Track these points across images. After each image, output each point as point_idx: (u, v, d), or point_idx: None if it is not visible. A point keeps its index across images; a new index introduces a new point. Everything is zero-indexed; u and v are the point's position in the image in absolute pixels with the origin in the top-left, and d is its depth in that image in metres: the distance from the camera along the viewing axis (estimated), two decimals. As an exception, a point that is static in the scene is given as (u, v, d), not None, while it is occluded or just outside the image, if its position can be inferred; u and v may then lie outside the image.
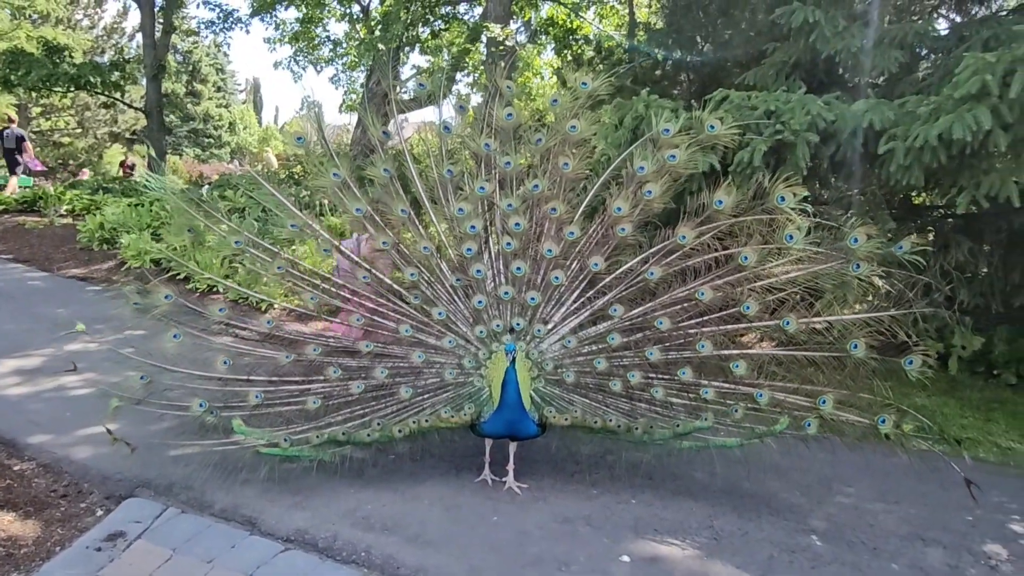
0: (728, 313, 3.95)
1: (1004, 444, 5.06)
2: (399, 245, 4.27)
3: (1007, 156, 4.88)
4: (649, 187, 4.06)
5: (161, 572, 3.20)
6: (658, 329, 4.05)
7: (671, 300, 4.04)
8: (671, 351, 4.03)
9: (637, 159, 4.09)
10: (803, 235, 3.85)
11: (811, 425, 3.93)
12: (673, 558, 3.43)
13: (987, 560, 3.52)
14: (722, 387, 3.99)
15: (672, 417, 4.05)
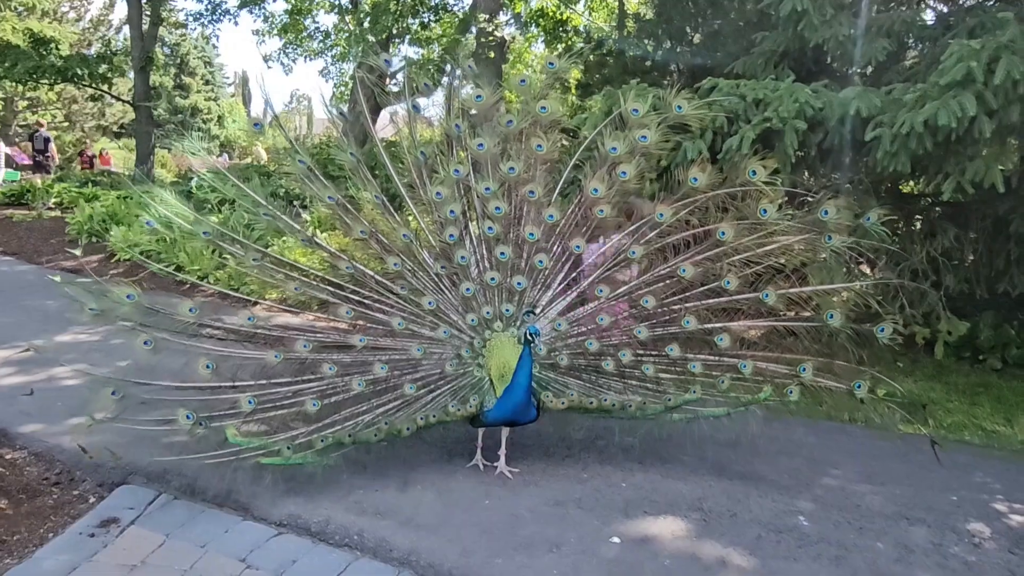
0: (710, 288, 4.07)
1: (989, 427, 5.14)
2: (377, 234, 4.23)
3: (992, 142, 4.93)
4: (623, 168, 4.10)
5: (154, 557, 3.21)
6: (644, 307, 4.12)
7: (654, 278, 4.13)
8: (657, 328, 4.13)
9: (609, 140, 4.13)
10: (776, 209, 4.00)
11: (793, 392, 4.08)
12: (662, 539, 3.47)
13: (971, 538, 3.58)
14: (708, 359, 4.11)
15: (663, 392, 4.14)
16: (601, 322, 4.15)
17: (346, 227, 4.36)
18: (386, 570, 3.17)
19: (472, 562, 3.22)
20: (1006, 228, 5.81)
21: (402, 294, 4.21)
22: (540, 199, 4.14)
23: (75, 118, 27.32)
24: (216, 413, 3.76)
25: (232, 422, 3.71)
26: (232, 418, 3.74)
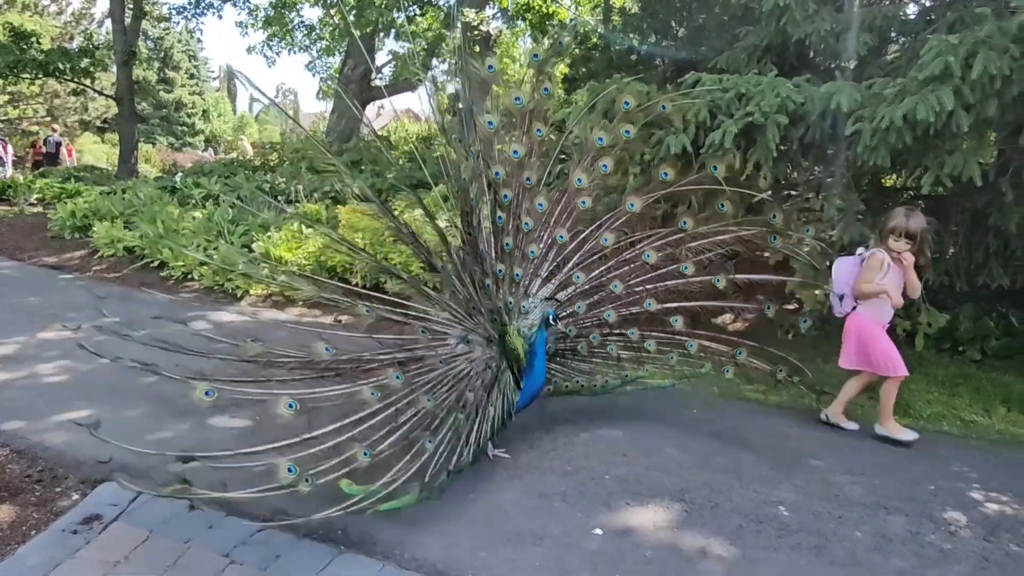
0: (668, 271, 4.49)
1: (967, 418, 5.21)
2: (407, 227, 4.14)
3: (969, 137, 4.98)
4: (604, 161, 4.37)
5: (138, 553, 3.22)
6: (612, 292, 4.40)
7: (621, 262, 4.46)
8: (622, 309, 4.46)
9: (596, 130, 4.38)
10: (731, 204, 4.66)
11: (729, 371, 4.65)
12: (644, 530, 3.51)
13: (947, 526, 3.63)
14: (661, 337, 4.52)
15: (622, 368, 4.59)
16: (579, 309, 4.38)
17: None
18: (370, 564, 3.18)
19: (456, 555, 3.24)
20: (985, 222, 5.87)
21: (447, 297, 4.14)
22: (534, 187, 4.28)
23: (57, 112, 27.01)
24: (322, 467, 3.32)
25: (341, 472, 3.31)
26: (341, 468, 3.33)
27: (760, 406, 5.31)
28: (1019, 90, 4.60)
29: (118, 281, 8.18)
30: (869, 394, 5.58)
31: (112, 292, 7.71)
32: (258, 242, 8.15)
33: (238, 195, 10.43)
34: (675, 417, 4.91)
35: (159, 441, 4.21)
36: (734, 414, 5.09)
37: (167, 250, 8.22)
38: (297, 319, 7.01)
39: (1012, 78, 4.57)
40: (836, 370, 6.06)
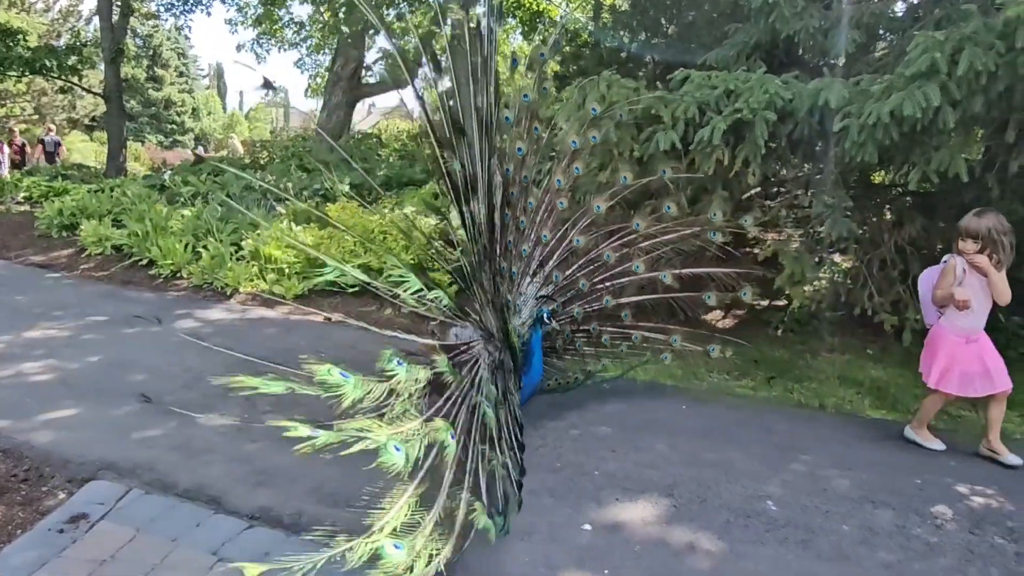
0: (622, 270, 4.69)
1: (954, 412, 5.23)
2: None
3: (956, 133, 5.00)
4: (578, 163, 4.50)
5: (125, 552, 3.20)
6: (581, 290, 4.58)
7: (586, 262, 4.62)
8: (587, 306, 4.64)
9: (571, 134, 4.47)
10: (676, 206, 4.85)
11: (667, 357, 4.87)
12: (633, 525, 3.52)
13: (933, 520, 3.65)
14: (614, 332, 4.73)
15: (585, 363, 4.79)
16: (557, 307, 4.51)
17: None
18: (358, 561, 3.18)
19: (444, 551, 3.24)
20: (972, 217, 5.91)
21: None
22: (529, 185, 4.39)
23: (45, 111, 26.83)
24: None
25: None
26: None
27: (749, 402, 5.32)
28: (1004, 86, 4.63)
29: (106, 279, 8.13)
30: (856, 389, 5.62)
31: (99, 290, 7.67)
32: (248, 240, 8.12)
33: (227, 193, 10.39)
34: (665, 414, 4.92)
35: (146, 440, 4.18)
36: (723, 410, 5.10)
37: (155, 248, 8.17)
38: (286, 317, 6.99)
39: (997, 74, 4.60)
40: (822, 365, 6.14)
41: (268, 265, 7.76)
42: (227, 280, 7.59)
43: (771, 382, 5.65)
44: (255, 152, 15.78)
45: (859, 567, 3.25)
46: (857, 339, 6.88)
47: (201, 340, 5.82)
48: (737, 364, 6.10)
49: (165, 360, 5.50)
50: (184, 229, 8.60)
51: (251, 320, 6.79)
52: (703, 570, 3.19)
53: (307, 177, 11.48)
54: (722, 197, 5.76)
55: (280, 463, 3.97)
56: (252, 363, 5.36)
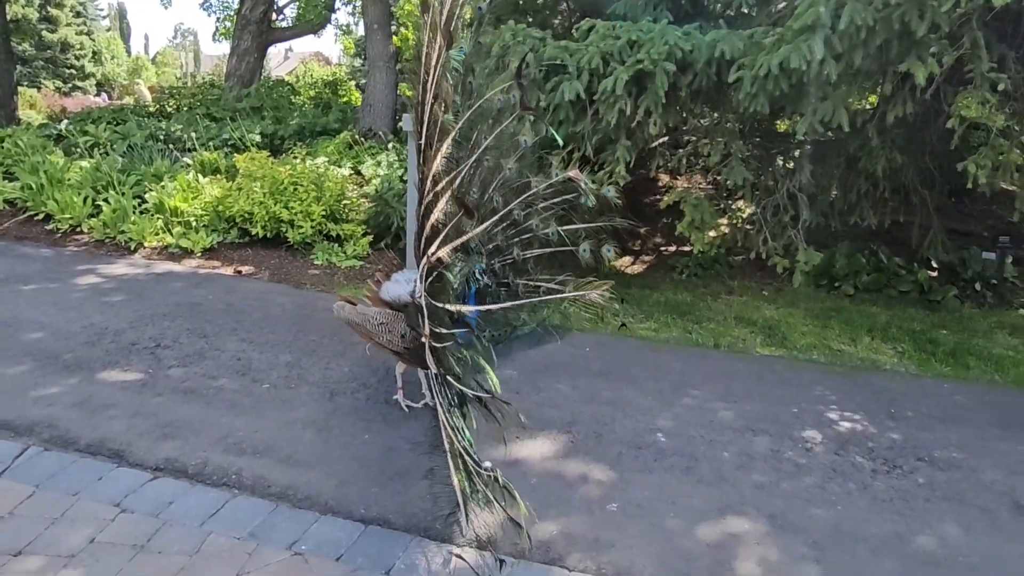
0: (526, 226, 4.48)
1: (836, 347, 5.65)
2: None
3: (839, 85, 5.28)
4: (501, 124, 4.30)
5: (23, 508, 3.19)
6: (499, 246, 4.43)
7: (500, 219, 4.43)
8: (503, 260, 4.49)
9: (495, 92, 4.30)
10: (562, 168, 4.44)
11: (565, 306, 4.56)
12: (531, 460, 3.72)
13: (804, 444, 4.01)
14: (525, 284, 4.51)
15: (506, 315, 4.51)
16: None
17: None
18: (264, 505, 3.27)
19: (348, 492, 3.37)
20: (856, 165, 6.29)
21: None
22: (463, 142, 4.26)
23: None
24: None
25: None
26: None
27: (650, 343, 5.60)
28: (882, 40, 4.91)
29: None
30: (750, 329, 5.98)
31: (-8, 247, 7.32)
32: (151, 193, 7.84)
33: (129, 143, 9.94)
34: (568, 357, 5.12)
35: (45, 397, 4.12)
36: (624, 352, 5.36)
37: (52, 202, 7.81)
38: (194, 271, 6.86)
39: (875, 28, 4.87)
40: (721, 307, 6.48)
41: (174, 218, 7.55)
42: (131, 235, 7.35)
43: (671, 323, 5.93)
44: (162, 99, 15.03)
45: (735, 488, 3.55)
46: (755, 282, 7.29)
47: (103, 296, 5.72)
48: (642, 308, 6.38)
49: (65, 317, 5.36)
50: (83, 181, 8.22)
51: (157, 275, 6.64)
52: (593, 498, 3.43)
53: (215, 126, 11.09)
54: (625, 147, 5.96)
55: (185, 415, 3.99)
56: (157, 317, 5.33)
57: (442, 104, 3.53)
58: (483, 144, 4.14)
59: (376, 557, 2.96)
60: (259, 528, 3.11)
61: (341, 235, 7.49)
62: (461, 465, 3.03)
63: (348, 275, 6.94)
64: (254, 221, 7.34)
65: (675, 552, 3.06)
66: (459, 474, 3.00)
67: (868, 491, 3.57)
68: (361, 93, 14.87)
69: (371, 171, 8.79)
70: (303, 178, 7.59)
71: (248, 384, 4.43)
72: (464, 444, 3.12)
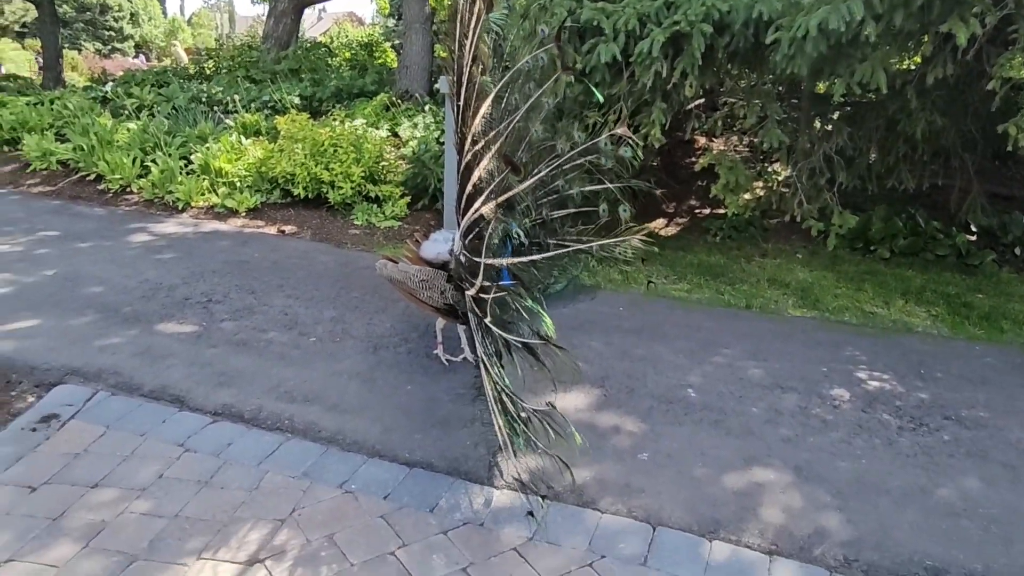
0: (554, 187, 4.44)
1: (868, 309, 5.70)
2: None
3: (878, 46, 5.24)
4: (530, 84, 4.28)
5: (97, 446, 3.46)
6: (530, 206, 4.47)
7: (536, 182, 4.46)
8: (536, 220, 4.45)
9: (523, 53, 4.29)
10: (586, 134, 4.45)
11: (594, 266, 4.74)
12: (566, 412, 3.84)
13: (832, 401, 4.11)
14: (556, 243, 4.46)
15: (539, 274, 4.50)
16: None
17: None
18: (315, 448, 3.50)
19: (393, 437, 3.58)
20: (895, 128, 6.24)
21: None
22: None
23: (-30, 16, 25.27)
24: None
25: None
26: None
27: (682, 303, 5.71)
28: (923, 1, 4.85)
29: (53, 195, 8.07)
30: (783, 291, 6.05)
31: (47, 206, 7.64)
32: (197, 154, 8.08)
33: (173, 105, 10.19)
34: (601, 315, 5.26)
35: (109, 347, 4.39)
36: (656, 311, 5.47)
37: (103, 163, 8.10)
38: (240, 230, 7.10)
39: (918, -12, 4.81)
40: (754, 269, 6.54)
41: (219, 179, 7.79)
42: (178, 195, 7.61)
43: (703, 285, 6.01)
44: (201, 61, 15.26)
45: (762, 441, 3.69)
46: (788, 245, 7.31)
47: (156, 254, 5.99)
48: (675, 269, 6.47)
49: (122, 272, 5.64)
50: (131, 143, 8.49)
51: (204, 234, 6.90)
52: (624, 447, 3.60)
53: (255, 88, 11.27)
54: (661, 109, 5.99)
55: (238, 365, 4.24)
56: (207, 273, 5.59)
57: (480, 66, 3.64)
58: (526, 103, 4.20)
59: (421, 496, 3.17)
60: (312, 468, 3.34)
61: (380, 196, 7.66)
62: (501, 410, 3.20)
63: (387, 235, 7.12)
64: (296, 182, 7.54)
65: (703, 498, 3.22)
66: (501, 418, 3.18)
67: (893, 447, 3.68)
68: (397, 55, 14.91)
69: (408, 133, 8.92)
70: (342, 140, 7.75)
71: (296, 337, 4.66)
72: (505, 390, 3.27)
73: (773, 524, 3.06)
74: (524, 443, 3.10)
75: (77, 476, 3.21)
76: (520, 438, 3.11)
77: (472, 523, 3.02)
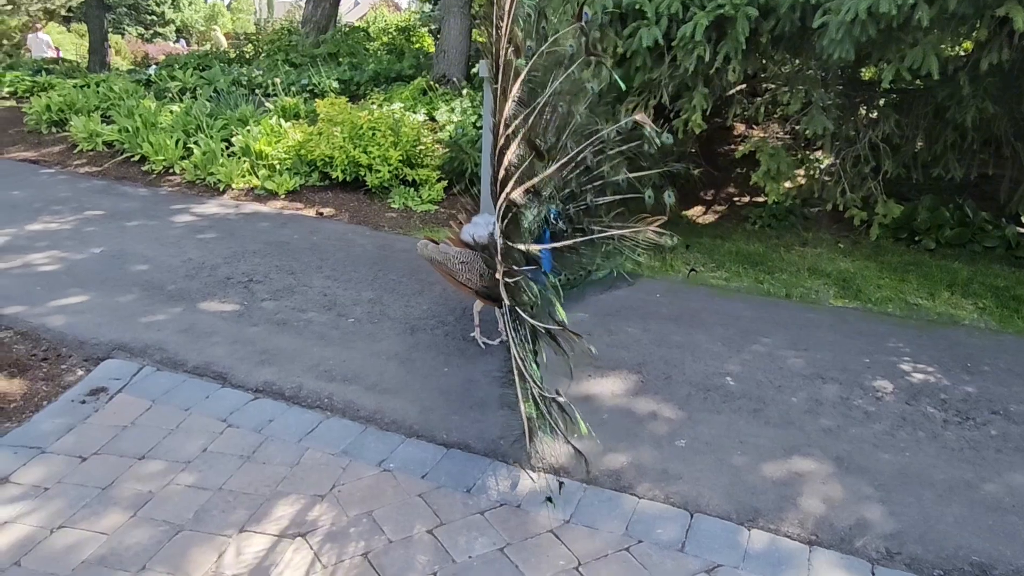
0: (598, 173, 4.40)
1: (912, 301, 5.57)
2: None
3: (930, 30, 5.09)
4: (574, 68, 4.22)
5: (143, 419, 3.55)
6: (573, 192, 4.42)
7: (575, 165, 4.41)
8: (579, 205, 4.45)
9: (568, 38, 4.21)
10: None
11: (638, 253, 4.49)
12: (602, 397, 3.89)
13: (875, 393, 4.04)
14: (599, 230, 4.45)
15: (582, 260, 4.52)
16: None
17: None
18: (354, 426, 3.55)
19: (431, 418, 3.61)
20: (944, 115, 6.07)
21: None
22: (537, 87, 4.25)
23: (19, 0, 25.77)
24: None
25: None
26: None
27: (720, 291, 5.64)
28: (980, -17, 4.70)
29: (99, 175, 8.25)
30: (824, 280, 5.94)
31: (94, 186, 7.82)
32: (237, 136, 8.19)
33: (214, 88, 10.33)
34: (639, 302, 5.22)
35: (154, 323, 4.49)
36: (696, 299, 5.42)
37: (147, 144, 8.25)
38: (279, 212, 7.19)
39: (974, -29, 4.66)
40: (794, 258, 6.45)
41: (259, 161, 7.88)
42: (219, 176, 7.73)
43: (742, 273, 5.93)
44: (240, 46, 15.44)
45: (802, 431, 3.64)
46: (830, 234, 7.17)
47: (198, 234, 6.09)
48: (713, 257, 6.40)
49: (166, 252, 5.75)
50: (174, 125, 8.64)
51: (245, 215, 7.00)
52: (661, 434, 3.58)
53: (294, 72, 11.37)
54: (702, 94, 5.91)
55: (279, 344, 4.30)
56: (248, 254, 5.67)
57: (514, 48, 3.62)
58: (550, 88, 4.14)
59: (458, 476, 3.20)
60: (351, 446, 3.39)
61: (417, 180, 7.68)
62: (529, 396, 3.20)
63: (423, 219, 7.16)
64: (334, 165, 7.60)
65: (741, 486, 3.19)
66: (528, 404, 3.18)
67: (938, 440, 3.61)
68: (434, 39, 14.91)
69: (445, 117, 8.92)
70: (380, 123, 7.78)
71: (335, 318, 4.71)
72: (532, 375, 3.27)
73: (813, 514, 3.03)
74: (549, 429, 3.11)
75: (125, 448, 3.29)
76: (547, 423, 3.12)
77: (509, 504, 3.04)
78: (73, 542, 2.72)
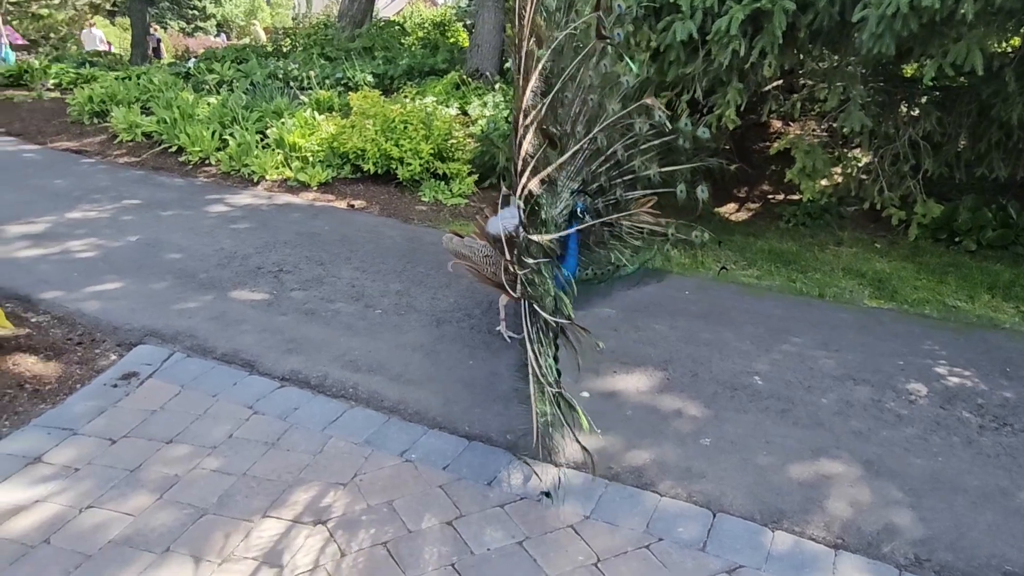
0: (628, 167, 4.42)
1: (950, 303, 5.43)
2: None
3: (975, 25, 4.94)
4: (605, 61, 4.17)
5: (172, 404, 3.61)
6: (603, 186, 4.40)
7: (604, 159, 4.37)
8: (608, 200, 4.46)
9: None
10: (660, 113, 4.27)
11: (668, 248, 4.59)
12: (628, 393, 3.85)
13: (908, 396, 3.94)
14: (628, 225, 4.50)
15: (608, 258, 4.55)
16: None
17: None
18: (377, 416, 3.56)
19: (454, 410, 3.61)
20: (989, 113, 5.89)
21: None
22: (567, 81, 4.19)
23: (66, -5, 26.37)
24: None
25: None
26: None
27: (750, 289, 5.56)
28: (1028, -24, 4.55)
29: (137, 165, 8.41)
30: (858, 280, 5.82)
31: (132, 176, 7.97)
32: (272, 129, 8.29)
33: (251, 81, 10.46)
34: (668, 299, 5.17)
35: (186, 311, 4.56)
36: (724, 296, 5.35)
37: (184, 135, 8.39)
38: (311, 203, 7.26)
39: (1022, -38, 4.51)
40: (828, 257, 6.32)
41: (293, 153, 7.97)
42: (253, 167, 7.83)
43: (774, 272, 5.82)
44: (278, 40, 15.62)
45: (830, 433, 3.57)
46: (866, 233, 7.02)
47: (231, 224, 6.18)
48: (745, 255, 6.31)
49: (199, 241, 5.84)
50: (210, 117, 8.78)
51: (278, 206, 7.08)
52: (686, 431, 3.53)
53: (329, 66, 11.47)
54: (737, 90, 5.82)
55: (306, 333, 4.34)
56: (279, 244, 5.73)
57: (536, 39, 3.59)
58: (566, 75, 4.07)
59: (479, 469, 3.19)
60: (374, 436, 3.40)
61: (447, 173, 7.70)
62: (545, 392, 3.17)
63: (453, 212, 7.17)
64: (366, 158, 7.65)
65: (766, 486, 3.14)
66: (540, 400, 3.16)
67: (973, 445, 3.51)
68: (469, 34, 14.92)
69: (477, 111, 8.92)
70: (412, 117, 7.81)
71: (362, 309, 4.74)
72: (546, 370, 3.24)
73: (840, 517, 2.96)
74: (558, 426, 3.09)
75: (153, 432, 3.35)
76: (557, 419, 3.09)
77: (529, 498, 3.02)
78: (100, 522, 2.77)
